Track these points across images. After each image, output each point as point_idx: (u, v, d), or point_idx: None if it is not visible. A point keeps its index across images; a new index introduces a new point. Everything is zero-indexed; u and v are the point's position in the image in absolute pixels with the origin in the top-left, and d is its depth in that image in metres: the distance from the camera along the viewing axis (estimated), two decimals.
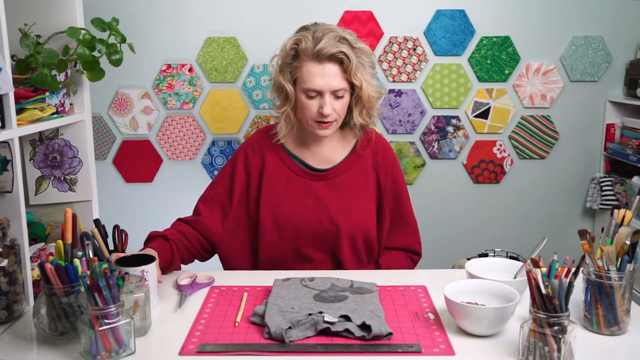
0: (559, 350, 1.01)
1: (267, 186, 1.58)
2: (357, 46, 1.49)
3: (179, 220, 1.63)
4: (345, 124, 1.61)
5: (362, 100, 1.52)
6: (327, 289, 1.35)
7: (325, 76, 1.47)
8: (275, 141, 1.61)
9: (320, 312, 1.19)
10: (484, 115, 2.69)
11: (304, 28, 1.53)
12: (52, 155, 1.73)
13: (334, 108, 1.50)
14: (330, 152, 1.61)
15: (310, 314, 1.19)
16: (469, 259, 1.69)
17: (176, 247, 1.51)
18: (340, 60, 1.47)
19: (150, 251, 1.41)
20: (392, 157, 1.65)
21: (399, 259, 1.59)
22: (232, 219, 1.60)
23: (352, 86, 1.51)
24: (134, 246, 1.70)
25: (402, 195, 1.63)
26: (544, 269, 1.06)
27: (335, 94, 1.49)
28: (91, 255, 1.18)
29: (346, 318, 1.19)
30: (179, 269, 1.55)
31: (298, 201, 1.57)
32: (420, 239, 1.65)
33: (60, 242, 1.19)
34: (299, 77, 1.51)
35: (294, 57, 1.51)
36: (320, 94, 1.49)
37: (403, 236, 1.62)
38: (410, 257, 1.60)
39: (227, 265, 1.64)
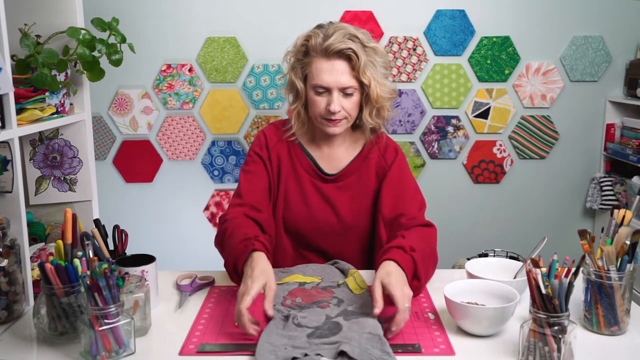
0: (559, 350, 1.01)
1: (282, 181, 1.56)
2: (369, 45, 1.46)
3: (250, 219, 1.46)
4: (358, 127, 1.59)
5: (371, 99, 1.48)
6: (321, 324, 1.18)
7: (333, 73, 1.45)
8: (287, 137, 1.59)
9: (318, 354, 1.06)
10: (484, 115, 2.69)
11: (319, 26, 1.51)
12: (52, 155, 1.73)
13: (343, 106, 1.47)
14: (342, 153, 1.59)
15: (306, 355, 1.06)
16: (469, 259, 1.69)
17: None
18: (348, 57, 1.45)
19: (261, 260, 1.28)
20: (400, 156, 1.61)
21: (413, 233, 1.43)
22: None
23: (363, 85, 1.48)
24: (134, 246, 1.70)
25: (402, 186, 1.56)
26: (544, 269, 1.06)
27: (344, 92, 1.46)
28: (91, 255, 1.18)
29: (344, 354, 1.06)
30: None
31: (308, 201, 1.56)
32: (420, 217, 1.53)
33: (60, 242, 1.19)
34: (308, 74, 1.50)
35: (305, 54, 1.50)
36: (328, 90, 1.46)
37: (405, 221, 1.49)
38: (420, 229, 1.46)
39: None
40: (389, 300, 1.18)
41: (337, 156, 1.59)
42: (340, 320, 1.19)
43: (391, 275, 1.22)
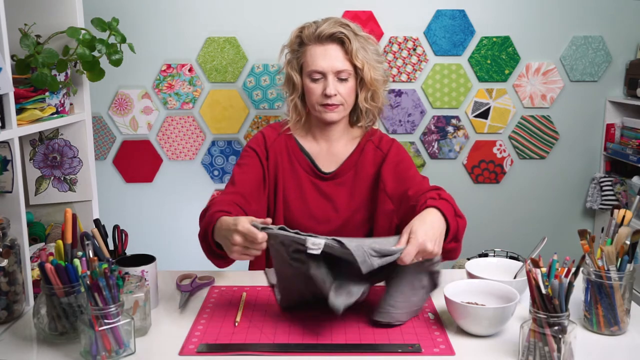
0: (559, 350, 1.01)
1: (280, 181, 1.58)
2: (360, 34, 1.52)
3: (238, 207, 1.45)
4: (355, 123, 1.62)
5: (365, 83, 1.52)
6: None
7: (327, 57, 1.49)
8: (283, 131, 1.61)
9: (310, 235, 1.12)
10: (484, 115, 2.69)
11: (313, 21, 1.57)
12: (52, 155, 1.73)
13: (339, 91, 1.51)
14: (340, 148, 1.61)
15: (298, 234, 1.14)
16: (469, 259, 1.69)
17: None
18: (341, 41, 1.49)
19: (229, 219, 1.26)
20: (396, 144, 1.61)
21: (431, 192, 1.40)
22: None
23: (357, 70, 1.52)
24: (134, 246, 1.70)
25: (403, 166, 1.56)
26: (544, 269, 1.06)
27: (339, 77, 1.50)
28: (91, 255, 1.18)
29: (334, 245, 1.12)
30: None
31: (306, 198, 1.57)
32: (426, 185, 1.51)
33: (60, 242, 1.19)
34: (304, 63, 1.54)
35: (299, 44, 1.55)
36: (324, 75, 1.50)
37: (412, 193, 1.46)
38: (434, 191, 1.43)
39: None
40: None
41: (335, 151, 1.61)
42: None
43: (423, 224, 1.21)
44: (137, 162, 2.69)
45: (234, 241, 1.17)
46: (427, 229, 1.20)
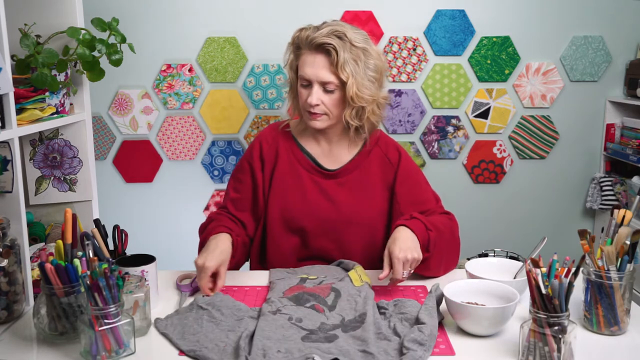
0: (559, 350, 1.01)
1: (278, 181, 1.58)
2: (358, 45, 1.45)
3: (228, 213, 1.63)
4: (356, 127, 1.59)
5: (347, 98, 1.48)
6: (316, 328, 1.18)
7: (314, 66, 1.48)
8: (283, 127, 1.64)
9: (310, 357, 1.05)
10: (484, 115, 2.69)
11: (322, 22, 1.54)
12: (52, 155, 1.73)
13: (324, 101, 1.49)
14: (340, 150, 1.61)
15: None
16: (469, 259, 1.69)
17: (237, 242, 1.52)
18: (328, 52, 1.46)
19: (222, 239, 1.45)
20: (403, 154, 1.64)
21: (433, 217, 1.53)
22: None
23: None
24: (134, 246, 1.70)
25: (415, 182, 1.62)
26: (544, 269, 1.06)
27: (325, 87, 1.48)
28: (91, 255, 1.18)
29: None
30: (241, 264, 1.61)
31: (307, 197, 1.57)
32: (439, 209, 1.63)
33: (60, 242, 1.19)
34: (298, 66, 1.54)
35: (297, 47, 1.54)
36: (310, 83, 1.50)
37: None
38: (440, 216, 1.56)
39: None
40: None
41: (337, 152, 1.61)
42: (338, 331, 1.17)
43: (396, 241, 1.36)
44: (137, 162, 2.69)
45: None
46: (400, 244, 1.35)
